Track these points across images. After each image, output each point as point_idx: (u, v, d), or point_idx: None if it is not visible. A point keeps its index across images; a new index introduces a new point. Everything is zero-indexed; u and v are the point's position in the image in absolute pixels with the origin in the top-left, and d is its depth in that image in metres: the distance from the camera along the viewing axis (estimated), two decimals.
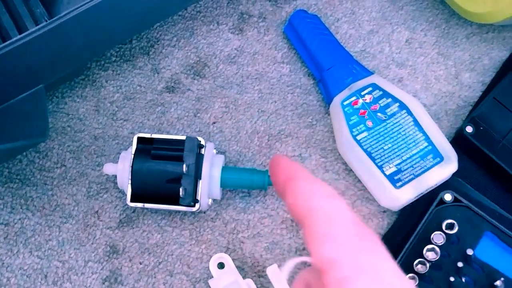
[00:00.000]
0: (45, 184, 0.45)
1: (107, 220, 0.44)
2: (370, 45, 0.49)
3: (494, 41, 0.49)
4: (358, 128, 0.43)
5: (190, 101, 0.48)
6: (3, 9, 0.42)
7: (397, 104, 0.43)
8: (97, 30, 0.41)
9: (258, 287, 0.42)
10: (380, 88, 0.44)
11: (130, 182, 0.41)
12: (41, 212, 0.45)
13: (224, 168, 0.42)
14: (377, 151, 0.42)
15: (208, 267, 0.43)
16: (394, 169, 0.42)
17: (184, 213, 0.45)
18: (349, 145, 0.43)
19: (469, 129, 0.44)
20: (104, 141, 0.47)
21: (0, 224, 0.44)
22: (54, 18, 0.38)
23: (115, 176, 0.45)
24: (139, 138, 0.42)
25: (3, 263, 0.43)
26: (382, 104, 0.43)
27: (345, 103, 0.44)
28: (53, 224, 0.44)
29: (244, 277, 0.42)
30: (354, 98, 0.44)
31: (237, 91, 0.48)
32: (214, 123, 0.47)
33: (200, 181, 0.41)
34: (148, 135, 0.42)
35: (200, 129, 0.47)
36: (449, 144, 0.42)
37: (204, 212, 0.45)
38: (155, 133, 0.43)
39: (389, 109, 0.43)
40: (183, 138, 0.41)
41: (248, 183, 0.42)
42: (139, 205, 0.41)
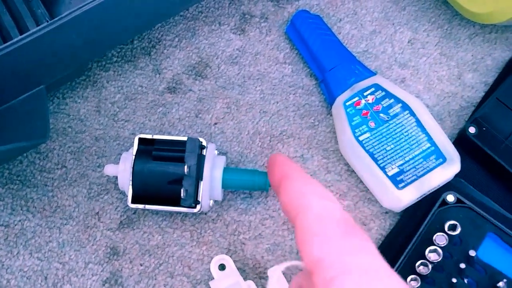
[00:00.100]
0: (46, 185, 0.45)
1: (108, 222, 0.44)
2: (373, 46, 0.49)
3: (497, 42, 0.49)
4: (361, 129, 0.43)
5: (192, 102, 0.47)
6: (4, 9, 0.42)
7: (400, 105, 0.43)
8: (98, 31, 0.41)
9: None
10: (383, 89, 0.44)
11: (131, 183, 0.41)
12: (42, 214, 0.45)
13: (226, 169, 0.42)
14: (380, 152, 0.42)
15: (209, 269, 0.43)
16: (397, 170, 0.41)
17: (185, 215, 0.44)
18: (352, 146, 0.43)
19: (472, 130, 0.43)
20: (105, 142, 0.46)
21: (0, 226, 0.44)
22: (56, 19, 0.38)
23: (116, 177, 0.45)
24: (140, 139, 0.42)
25: (3, 265, 0.43)
26: (385, 105, 0.43)
27: (348, 104, 0.44)
28: (54, 226, 0.44)
29: (245, 279, 0.42)
30: (357, 99, 0.44)
31: (239, 92, 0.48)
32: (216, 124, 0.47)
33: (202, 182, 0.40)
34: (150, 136, 0.42)
35: (202, 130, 0.47)
36: (452, 145, 0.42)
37: (205, 214, 0.44)
38: (157, 134, 0.43)
39: (392, 110, 0.43)
40: (185, 139, 0.41)
41: (250, 184, 0.42)
42: (140, 207, 0.41)
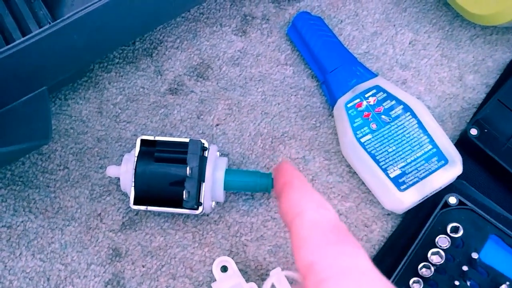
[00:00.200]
0: (48, 187, 0.45)
1: (110, 223, 0.44)
2: (374, 47, 0.49)
3: (498, 43, 0.49)
4: (362, 131, 0.43)
5: (193, 103, 0.47)
6: (6, 11, 0.42)
7: (401, 106, 0.43)
8: (100, 33, 0.41)
9: None
10: (384, 90, 0.44)
11: (133, 185, 0.41)
12: (44, 215, 0.45)
13: (228, 171, 0.42)
14: (381, 154, 0.42)
15: (211, 270, 0.43)
16: (399, 172, 0.41)
17: (187, 216, 0.44)
18: (353, 148, 0.43)
19: (474, 132, 0.43)
20: (107, 143, 0.46)
21: (3, 227, 0.44)
22: (58, 21, 0.38)
23: (118, 179, 0.45)
24: (142, 141, 0.42)
25: (6, 266, 0.43)
26: (386, 106, 0.43)
27: (349, 105, 0.44)
28: (56, 227, 0.44)
29: (247, 281, 0.42)
30: (358, 100, 0.44)
31: (241, 93, 0.48)
32: (218, 125, 0.47)
33: (204, 184, 0.40)
34: (152, 138, 0.42)
35: (203, 131, 0.47)
36: (454, 147, 0.42)
37: (207, 215, 0.44)
38: (158, 135, 0.43)
39: (393, 112, 0.43)
40: (187, 141, 0.41)
41: (252, 186, 0.42)
42: (142, 208, 0.41)
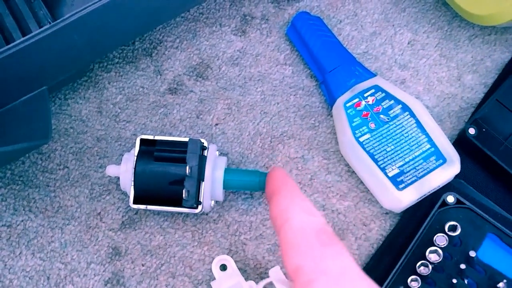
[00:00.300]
0: (48, 186, 0.45)
1: (110, 222, 0.44)
2: (373, 47, 0.49)
3: (497, 43, 0.49)
4: (361, 130, 0.43)
5: (193, 103, 0.48)
6: (6, 11, 0.42)
7: (400, 106, 0.43)
8: (100, 32, 0.41)
9: None
10: (383, 90, 0.44)
11: (133, 184, 0.41)
12: (44, 214, 0.45)
13: (227, 170, 0.42)
14: (380, 153, 0.42)
15: (211, 269, 0.43)
16: (397, 171, 0.42)
17: (187, 215, 0.45)
18: (352, 147, 0.43)
19: (472, 131, 0.44)
20: (107, 143, 0.47)
21: (3, 226, 0.44)
22: (58, 21, 0.38)
23: (118, 178, 0.45)
24: (142, 140, 0.42)
25: (6, 265, 0.43)
26: (385, 106, 0.43)
27: (348, 105, 0.44)
28: (56, 226, 0.44)
29: (247, 279, 0.42)
30: (357, 100, 0.44)
31: (240, 93, 0.48)
32: (217, 125, 0.47)
33: (203, 183, 0.41)
34: (151, 137, 0.42)
35: (203, 131, 0.47)
36: (452, 146, 0.43)
37: (207, 214, 0.45)
38: (158, 135, 0.43)
39: (392, 111, 0.43)
40: (186, 140, 0.41)
41: (251, 185, 0.42)
42: (142, 207, 0.41)
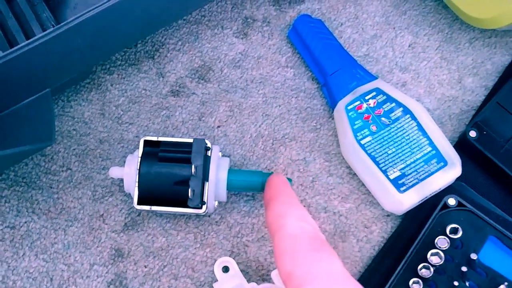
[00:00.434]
0: (51, 188, 0.46)
1: (112, 224, 0.45)
2: (374, 50, 0.49)
3: (497, 46, 0.49)
4: (362, 133, 0.43)
5: (195, 105, 0.48)
6: (10, 14, 0.42)
7: (401, 109, 0.44)
8: (103, 35, 0.41)
9: None
10: (384, 93, 0.44)
11: (137, 185, 0.41)
12: (47, 215, 0.45)
13: (230, 171, 0.42)
14: (381, 156, 0.42)
15: (213, 271, 0.43)
16: (398, 174, 0.42)
17: (189, 217, 0.45)
18: (353, 150, 0.43)
19: (473, 134, 0.44)
20: (109, 145, 0.47)
21: (6, 227, 0.45)
22: (61, 24, 0.38)
23: (120, 180, 0.45)
24: (146, 141, 0.42)
25: (9, 266, 0.44)
26: (386, 109, 0.44)
27: (349, 108, 0.44)
28: (59, 227, 0.45)
29: (249, 281, 0.42)
30: (358, 103, 0.44)
31: (242, 95, 0.48)
32: (219, 127, 0.47)
33: (207, 183, 0.41)
34: (155, 138, 0.42)
35: (205, 133, 0.47)
36: (453, 149, 0.43)
37: (209, 216, 0.45)
38: (160, 137, 0.43)
39: (393, 114, 0.44)
40: (190, 141, 0.41)
41: (254, 185, 0.42)
42: (146, 208, 0.41)
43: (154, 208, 0.41)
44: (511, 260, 0.40)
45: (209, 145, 0.42)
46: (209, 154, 0.42)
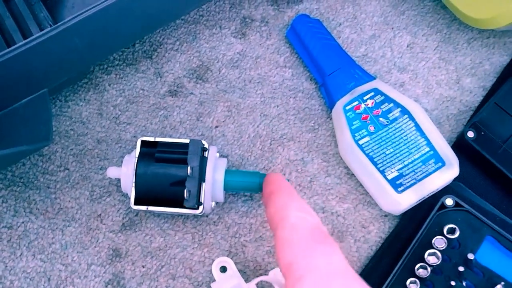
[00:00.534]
0: (48, 188, 0.46)
1: (110, 224, 0.45)
2: (372, 50, 0.49)
3: (495, 46, 0.49)
4: (360, 133, 0.43)
5: (193, 105, 0.48)
6: (7, 13, 0.42)
7: (399, 109, 0.44)
8: (101, 35, 0.41)
9: None
10: (382, 93, 0.44)
11: (134, 186, 0.41)
12: (44, 216, 0.45)
13: (227, 171, 0.42)
14: (379, 156, 0.42)
15: (211, 271, 0.43)
16: (396, 174, 0.42)
17: (187, 217, 0.45)
18: (351, 150, 0.43)
19: (470, 134, 0.44)
20: (107, 145, 0.47)
21: (4, 227, 0.45)
22: (59, 24, 0.38)
23: (118, 180, 0.45)
24: (143, 142, 0.42)
25: (6, 266, 0.44)
26: (384, 109, 0.44)
27: (347, 108, 0.44)
28: (56, 228, 0.45)
29: (246, 281, 0.42)
30: (356, 103, 0.44)
31: (240, 95, 0.48)
32: (217, 127, 0.47)
33: (204, 184, 0.41)
34: (152, 139, 0.42)
35: (203, 133, 0.47)
36: (451, 149, 0.43)
37: (207, 216, 0.45)
38: (158, 137, 0.43)
39: (391, 114, 0.44)
40: (187, 141, 0.41)
41: (251, 186, 0.42)
42: (143, 208, 0.41)
43: (151, 209, 0.41)
44: (508, 260, 0.40)
45: (206, 146, 0.42)
46: (206, 155, 0.42)
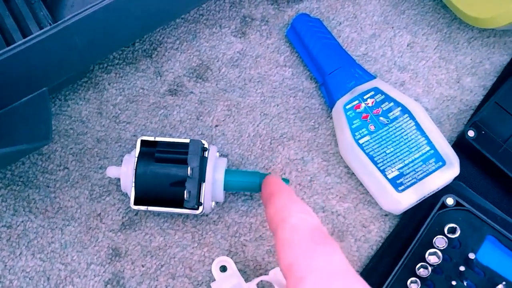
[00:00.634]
0: (48, 187, 0.45)
1: (110, 223, 0.45)
2: (372, 49, 0.49)
3: (495, 46, 0.49)
4: (361, 132, 0.43)
5: (193, 104, 0.48)
6: (7, 12, 0.42)
7: (399, 108, 0.44)
8: (101, 34, 0.41)
9: None
10: (383, 92, 0.44)
11: (134, 185, 0.41)
12: (44, 215, 0.45)
13: (227, 171, 0.42)
14: (379, 155, 0.42)
15: (211, 270, 0.43)
16: (396, 173, 0.42)
17: (187, 216, 0.45)
18: (352, 149, 0.43)
19: (471, 133, 0.44)
20: (107, 144, 0.47)
21: (3, 227, 0.44)
22: (58, 22, 0.38)
23: (118, 179, 0.45)
24: (142, 141, 0.42)
25: (6, 266, 0.43)
26: (385, 108, 0.44)
27: (348, 107, 0.44)
28: (56, 227, 0.44)
29: (246, 280, 0.42)
30: (357, 102, 0.44)
31: (240, 94, 0.48)
32: (217, 126, 0.47)
33: (204, 184, 0.41)
34: (152, 138, 0.42)
35: (203, 132, 0.47)
36: (451, 148, 0.43)
37: (207, 215, 0.45)
38: (158, 136, 0.43)
39: (391, 113, 0.43)
40: (187, 141, 0.41)
41: (251, 186, 0.42)
42: (143, 208, 0.41)
43: (151, 209, 0.41)
44: (509, 260, 0.40)
45: (206, 146, 0.42)
46: (206, 155, 0.41)
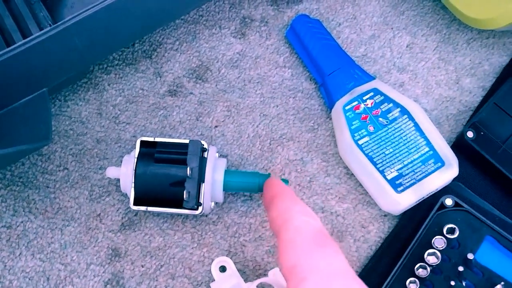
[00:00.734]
0: (48, 187, 0.46)
1: (109, 223, 0.45)
2: (372, 50, 0.49)
3: (495, 47, 0.49)
4: (360, 133, 0.43)
5: (192, 105, 0.48)
6: (7, 12, 0.42)
7: (399, 109, 0.44)
8: (100, 35, 0.41)
9: None
10: (382, 93, 0.44)
11: (134, 186, 0.41)
12: (44, 215, 0.45)
13: (227, 172, 0.42)
14: (379, 156, 0.42)
15: (210, 270, 0.43)
16: (396, 174, 0.42)
17: (186, 217, 0.45)
18: (351, 150, 0.43)
19: (470, 134, 0.44)
20: (107, 144, 0.47)
21: (3, 227, 0.45)
22: (58, 23, 0.38)
23: (117, 179, 0.45)
24: (142, 142, 0.42)
25: (6, 266, 0.44)
26: (384, 109, 0.44)
27: (347, 108, 0.44)
28: (56, 227, 0.45)
29: (246, 281, 0.42)
30: (356, 103, 0.44)
31: (239, 95, 0.48)
32: (216, 127, 0.47)
33: (203, 185, 0.41)
34: (151, 139, 0.42)
35: (202, 133, 0.47)
36: (450, 149, 0.43)
37: (206, 216, 0.45)
38: (158, 137, 0.43)
39: (391, 114, 0.44)
40: (186, 142, 0.41)
41: (251, 187, 0.42)
42: (142, 209, 0.41)
43: (150, 209, 0.41)
44: (508, 260, 0.40)
45: (206, 146, 0.42)
46: (206, 155, 0.42)
